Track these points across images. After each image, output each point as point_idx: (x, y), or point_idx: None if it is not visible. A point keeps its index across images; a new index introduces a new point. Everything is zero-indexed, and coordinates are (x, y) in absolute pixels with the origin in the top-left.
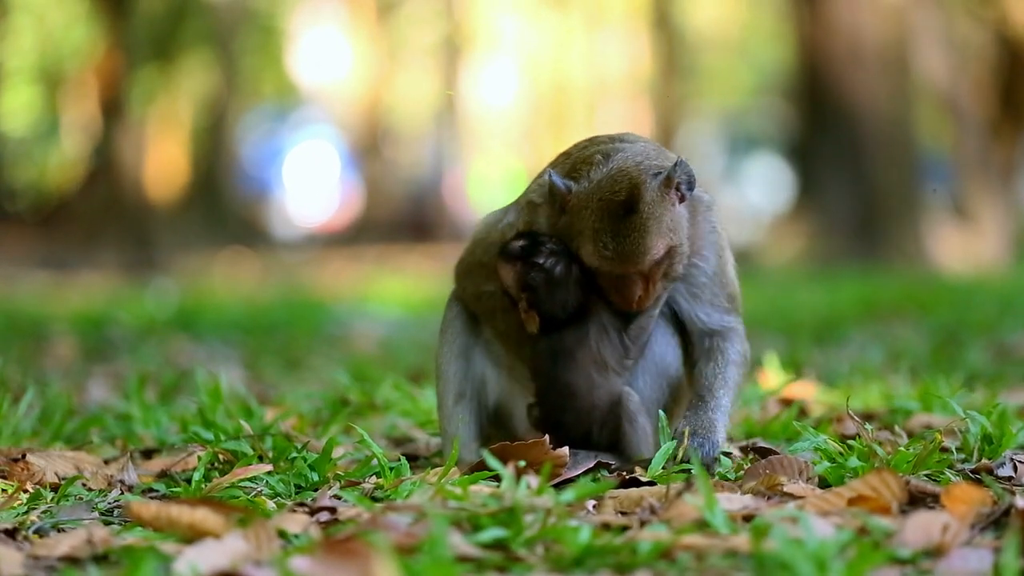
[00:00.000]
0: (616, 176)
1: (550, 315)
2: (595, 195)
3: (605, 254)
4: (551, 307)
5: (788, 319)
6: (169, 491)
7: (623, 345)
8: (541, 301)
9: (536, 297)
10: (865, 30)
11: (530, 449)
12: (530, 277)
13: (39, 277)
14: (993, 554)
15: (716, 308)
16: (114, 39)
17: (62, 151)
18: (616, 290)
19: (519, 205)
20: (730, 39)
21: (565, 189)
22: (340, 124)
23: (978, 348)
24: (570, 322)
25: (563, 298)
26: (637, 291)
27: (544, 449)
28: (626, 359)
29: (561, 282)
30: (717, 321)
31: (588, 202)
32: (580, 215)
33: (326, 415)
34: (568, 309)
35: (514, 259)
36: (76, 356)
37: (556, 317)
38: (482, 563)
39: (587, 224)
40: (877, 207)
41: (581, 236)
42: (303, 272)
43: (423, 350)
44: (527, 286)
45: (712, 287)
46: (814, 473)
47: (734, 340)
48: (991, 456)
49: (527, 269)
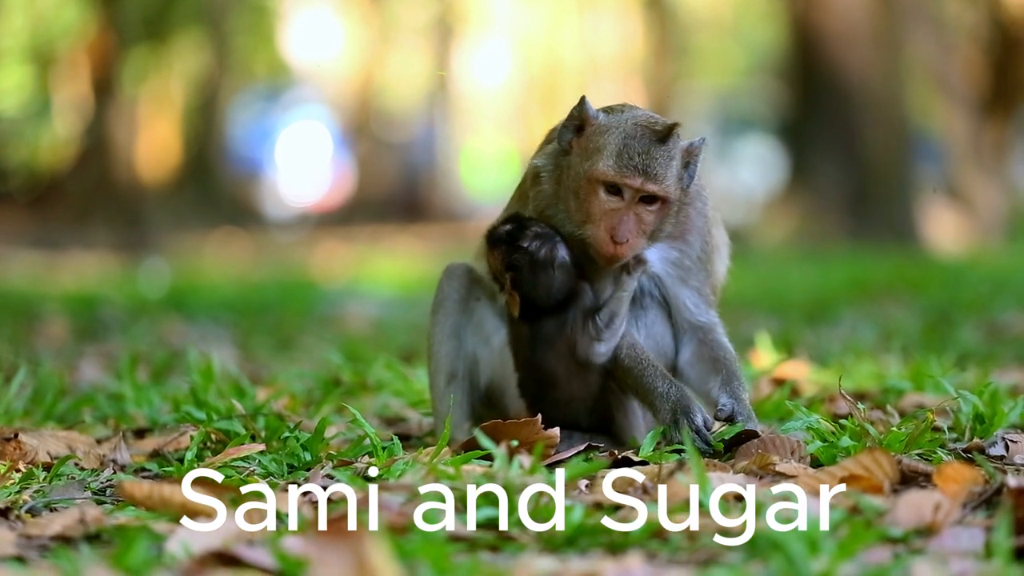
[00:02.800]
0: (652, 116)
1: (532, 299)
2: (630, 120)
3: (629, 163)
4: (533, 290)
5: (780, 299)
6: (161, 471)
7: (595, 329)
8: (523, 283)
9: (519, 278)
10: (857, 10)
11: (521, 428)
12: (514, 258)
13: (31, 257)
14: (985, 533)
15: (702, 298)
16: (106, 19)
17: (54, 131)
18: (608, 224)
19: (523, 180)
20: (722, 19)
21: (594, 114)
22: (332, 104)
23: (970, 328)
24: (553, 310)
25: (546, 282)
26: (629, 228)
27: (536, 429)
28: (599, 343)
29: (544, 265)
30: (704, 315)
31: (620, 124)
32: (607, 134)
33: (318, 395)
34: (552, 294)
35: (499, 242)
36: (68, 336)
37: (539, 302)
38: (475, 542)
39: (615, 138)
40: (869, 187)
41: (600, 152)
42: (295, 252)
43: (415, 330)
44: (511, 266)
45: (698, 272)
46: (806, 452)
47: (724, 336)
48: (983, 435)
49: (511, 251)
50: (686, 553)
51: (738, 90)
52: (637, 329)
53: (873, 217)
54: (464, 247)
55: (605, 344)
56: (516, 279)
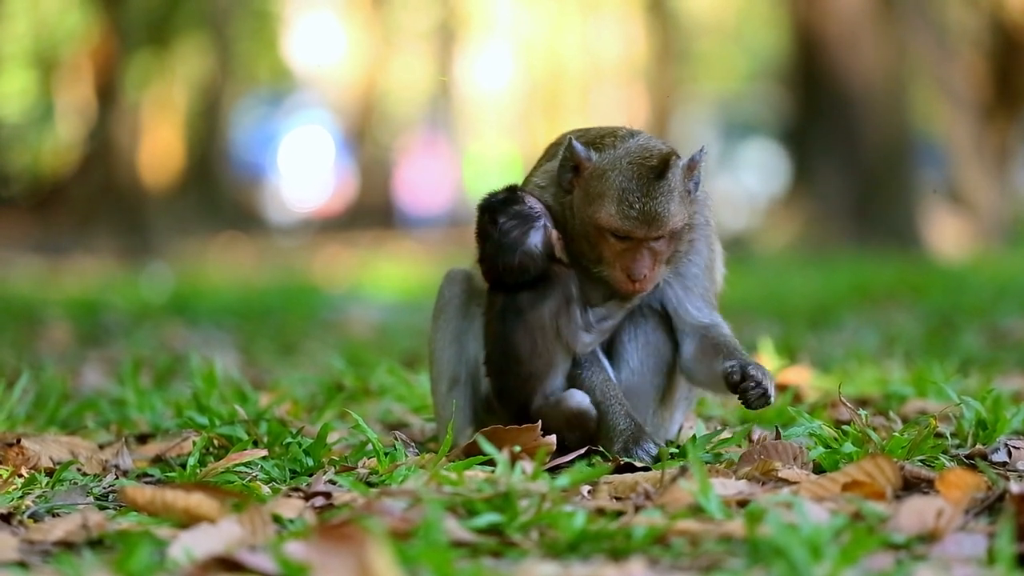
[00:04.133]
0: (646, 147)
1: (494, 274)
2: (624, 159)
3: (630, 213)
4: (496, 267)
5: (783, 304)
6: (164, 476)
7: (585, 321)
8: (488, 257)
9: (484, 250)
10: (859, 15)
11: (522, 434)
12: (487, 230)
13: (34, 262)
14: (987, 539)
15: (706, 303)
16: (109, 23)
17: (57, 136)
18: (624, 264)
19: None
20: (725, 24)
21: (586, 156)
22: (335, 109)
23: (973, 333)
24: (528, 285)
25: (509, 262)
26: (645, 265)
27: (536, 435)
28: (586, 334)
29: (511, 247)
30: (708, 316)
31: (615, 165)
32: (603, 178)
33: (321, 400)
34: (515, 275)
35: (483, 208)
36: (71, 341)
37: (504, 277)
38: (477, 548)
39: (612, 185)
40: (872, 192)
41: (601, 199)
42: (298, 257)
43: (417, 335)
44: (482, 235)
45: (703, 280)
46: (809, 458)
47: (728, 330)
48: (985, 441)
49: (487, 221)
50: (688, 559)
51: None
52: (635, 338)
53: (876, 222)
54: (466, 252)
55: (592, 337)
56: (483, 251)
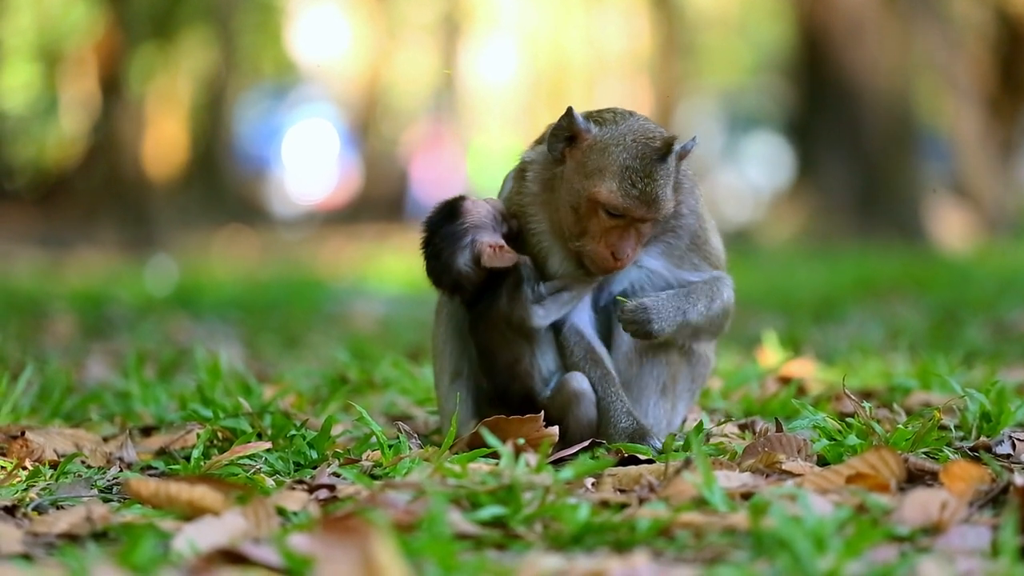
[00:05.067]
0: (648, 127)
1: (443, 289)
2: (627, 136)
3: (631, 192)
4: (437, 284)
5: (787, 297)
6: (168, 468)
7: (536, 294)
8: (429, 275)
9: (425, 270)
10: (864, 8)
11: (523, 424)
12: (423, 245)
13: (38, 255)
14: (991, 531)
15: (701, 269)
16: (113, 17)
17: (61, 129)
18: (609, 242)
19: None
20: (730, 17)
21: (585, 127)
22: (339, 102)
23: (977, 326)
24: (485, 286)
25: (445, 283)
26: (630, 244)
27: (538, 426)
28: (539, 307)
29: (442, 269)
30: (707, 274)
31: (619, 141)
32: (605, 153)
33: (325, 393)
34: (456, 291)
35: (423, 223)
36: (75, 334)
37: (443, 288)
38: (481, 540)
39: (614, 161)
40: (876, 185)
41: (602, 174)
42: (302, 250)
43: (422, 328)
44: (424, 244)
45: (692, 256)
46: (813, 451)
47: (724, 286)
48: (990, 434)
49: (424, 237)
50: (692, 551)
51: (745, 88)
52: None
53: (880, 215)
54: None
55: (545, 309)
56: (426, 271)
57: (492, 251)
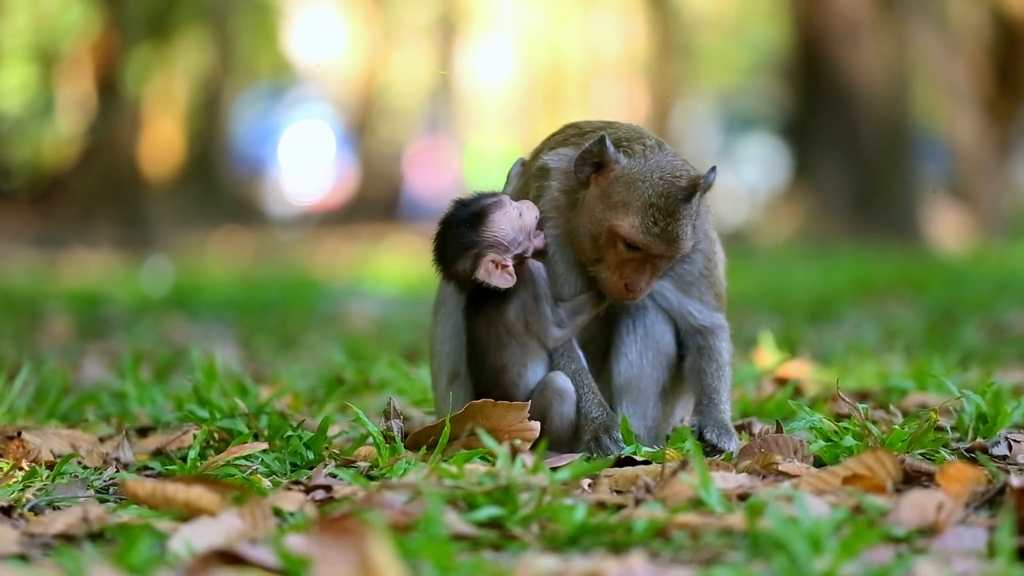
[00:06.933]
0: (675, 164)
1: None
2: (655, 173)
3: (653, 230)
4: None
5: (783, 298)
6: (164, 469)
7: (557, 316)
8: (435, 262)
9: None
10: (860, 9)
11: (511, 411)
12: (436, 243)
13: (34, 255)
14: (987, 533)
15: (706, 304)
16: (109, 17)
17: (57, 129)
18: (625, 273)
19: (526, 172)
20: (726, 19)
21: (615, 157)
22: (335, 103)
23: (973, 327)
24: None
25: (453, 280)
26: (645, 279)
27: (524, 414)
28: (557, 328)
29: (458, 273)
30: (708, 318)
31: (646, 177)
32: (632, 187)
33: (321, 393)
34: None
35: (441, 222)
36: (71, 334)
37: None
38: (477, 541)
39: (639, 196)
40: (873, 186)
41: (626, 208)
42: (298, 251)
43: (418, 328)
44: (438, 232)
45: (701, 284)
46: (809, 452)
47: (724, 339)
48: (986, 435)
49: (438, 236)
50: (689, 552)
51: (741, 89)
52: (634, 330)
53: (876, 216)
54: None
55: (562, 331)
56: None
57: (492, 268)
